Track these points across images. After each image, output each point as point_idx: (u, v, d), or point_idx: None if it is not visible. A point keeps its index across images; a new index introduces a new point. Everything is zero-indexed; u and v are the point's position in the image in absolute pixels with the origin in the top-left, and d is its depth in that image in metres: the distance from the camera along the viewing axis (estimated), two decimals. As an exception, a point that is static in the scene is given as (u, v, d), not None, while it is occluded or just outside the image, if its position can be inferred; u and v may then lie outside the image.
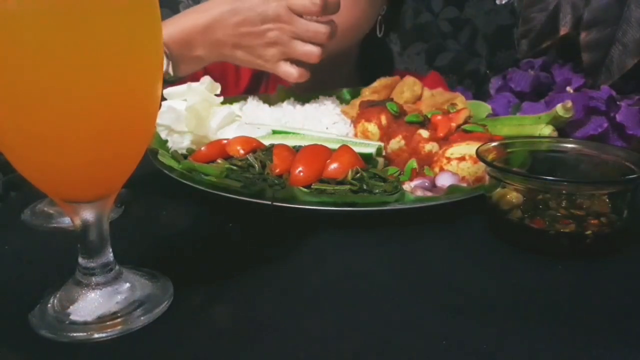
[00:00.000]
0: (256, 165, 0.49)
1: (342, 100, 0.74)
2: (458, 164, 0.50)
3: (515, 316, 0.33)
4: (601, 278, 0.37)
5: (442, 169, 0.51)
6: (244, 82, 0.96)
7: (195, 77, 0.68)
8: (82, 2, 0.26)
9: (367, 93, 0.71)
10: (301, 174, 0.47)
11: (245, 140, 0.52)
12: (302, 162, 0.47)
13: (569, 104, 0.54)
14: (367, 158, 0.51)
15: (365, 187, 0.46)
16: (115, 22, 0.28)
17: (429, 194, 0.47)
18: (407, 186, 0.49)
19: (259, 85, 0.95)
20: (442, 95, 0.69)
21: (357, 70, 0.97)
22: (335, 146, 0.51)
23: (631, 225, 0.41)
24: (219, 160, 0.50)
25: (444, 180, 0.49)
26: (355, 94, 0.76)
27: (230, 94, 0.74)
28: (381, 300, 0.34)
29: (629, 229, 0.41)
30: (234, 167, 0.49)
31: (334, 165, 0.47)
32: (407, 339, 0.30)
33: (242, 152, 0.50)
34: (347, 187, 0.46)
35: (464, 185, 0.48)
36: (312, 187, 0.46)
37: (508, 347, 0.30)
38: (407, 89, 0.70)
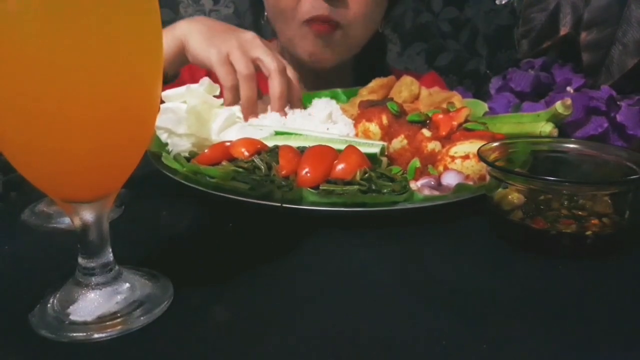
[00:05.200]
0: (262, 167, 0.49)
1: (337, 101, 0.74)
2: (462, 163, 0.50)
3: (516, 316, 0.32)
4: (602, 278, 0.37)
5: (446, 168, 0.51)
6: None
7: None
8: (81, 3, 0.26)
9: (365, 93, 0.72)
10: (308, 174, 0.47)
11: (249, 142, 0.52)
12: (308, 163, 0.47)
13: (568, 101, 0.54)
14: (371, 158, 0.51)
15: (373, 187, 0.46)
16: (115, 23, 0.28)
17: (436, 193, 0.47)
18: (413, 185, 0.49)
19: None
20: (439, 94, 0.69)
21: (352, 68, 0.97)
22: (340, 146, 0.51)
23: (633, 225, 0.41)
24: (223, 163, 0.50)
25: (450, 179, 0.49)
26: (350, 94, 0.76)
27: None
28: (381, 300, 0.34)
29: (631, 230, 0.41)
30: (240, 170, 0.49)
31: (341, 166, 0.47)
32: (407, 339, 0.30)
33: (246, 154, 0.50)
34: (356, 187, 0.46)
35: (470, 183, 0.48)
36: (320, 188, 0.46)
37: (508, 347, 0.30)
38: (405, 89, 0.70)
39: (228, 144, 0.53)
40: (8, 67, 0.26)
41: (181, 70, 0.77)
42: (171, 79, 0.77)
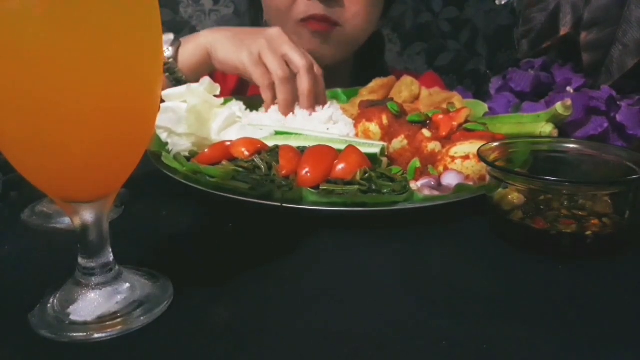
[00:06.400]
0: (262, 167, 0.49)
1: (338, 101, 0.74)
2: (462, 163, 0.50)
3: (516, 316, 0.33)
4: (602, 278, 0.37)
5: (446, 168, 0.51)
6: (231, 84, 0.96)
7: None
8: (81, 4, 0.26)
9: (365, 93, 0.72)
10: (308, 174, 0.47)
11: (249, 142, 0.52)
12: (308, 162, 0.47)
13: (569, 102, 0.54)
14: (371, 158, 0.51)
15: (374, 187, 0.46)
16: (115, 21, 0.28)
17: (436, 193, 0.47)
18: (413, 185, 0.49)
19: (246, 87, 0.95)
20: (440, 95, 0.69)
21: (352, 67, 0.97)
22: (340, 146, 0.51)
23: (633, 225, 0.41)
24: (223, 162, 0.50)
25: (450, 179, 0.49)
26: (350, 94, 0.76)
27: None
28: (381, 300, 0.34)
29: (631, 230, 0.41)
30: (240, 169, 0.49)
31: (341, 166, 0.47)
32: (407, 338, 0.30)
33: (246, 153, 0.50)
34: (356, 187, 0.46)
35: (471, 184, 0.48)
36: (320, 187, 0.46)
37: (508, 347, 0.30)
38: (405, 89, 0.70)
39: (228, 143, 0.53)
40: (8, 66, 0.26)
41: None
42: None
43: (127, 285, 0.33)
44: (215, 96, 0.61)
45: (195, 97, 0.58)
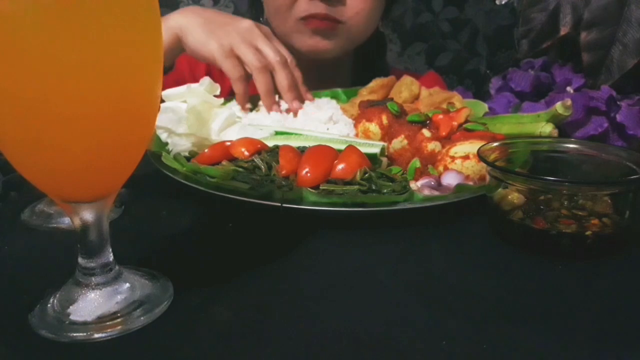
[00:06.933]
0: (262, 167, 0.49)
1: (338, 101, 0.75)
2: (462, 163, 0.50)
3: (516, 316, 0.32)
4: (602, 278, 0.37)
5: (446, 168, 0.51)
6: (230, 83, 0.96)
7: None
8: (81, 4, 0.26)
9: (365, 93, 0.72)
10: (308, 174, 0.47)
11: (249, 142, 0.52)
12: (308, 163, 0.47)
13: (569, 102, 0.54)
14: (371, 158, 0.51)
15: (374, 187, 0.46)
16: (114, 22, 0.28)
17: (436, 193, 0.47)
18: (413, 185, 0.49)
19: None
20: (440, 95, 0.69)
21: (352, 67, 0.97)
22: (340, 146, 0.51)
23: (633, 225, 0.41)
24: (223, 162, 0.50)
25: (450, 179, 0.49)
26: (350, 94, 0.76)
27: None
28: (381, 300, 0.34)
29: (631, 230, 0.41)
30: (240, 169, 0.49)
31: (341, 166, 0.47)
32: (407, 339, 0.30)
33: (246, 153, 0.50)
34: (356, 187, 0.46)
35: (471, 184, 0.48)
36: (320, 187, 0.46)
37: (508, 348, 0.30)
38: (405, 89, 0.70)
39: (228, 143, 0.53)
40: (8, 66, 0.26)
41: (177, 60, 0.77)
42: (167, 71, 0.77)
43: (127, 285, 0.33)
44: (215, 96, 0.61)
45: (195, 97, 0.58)
